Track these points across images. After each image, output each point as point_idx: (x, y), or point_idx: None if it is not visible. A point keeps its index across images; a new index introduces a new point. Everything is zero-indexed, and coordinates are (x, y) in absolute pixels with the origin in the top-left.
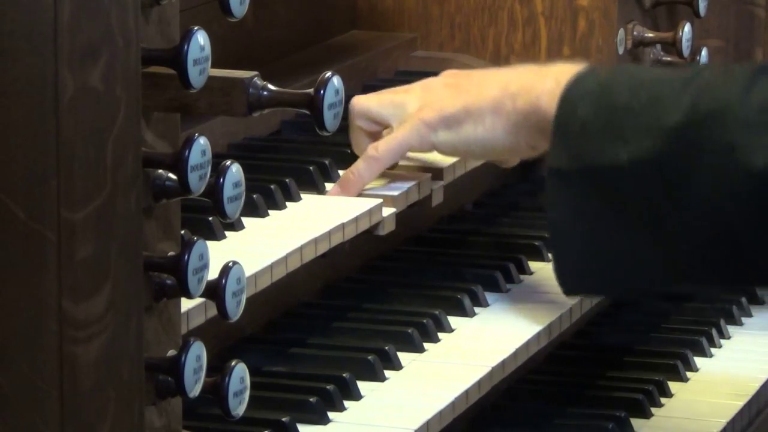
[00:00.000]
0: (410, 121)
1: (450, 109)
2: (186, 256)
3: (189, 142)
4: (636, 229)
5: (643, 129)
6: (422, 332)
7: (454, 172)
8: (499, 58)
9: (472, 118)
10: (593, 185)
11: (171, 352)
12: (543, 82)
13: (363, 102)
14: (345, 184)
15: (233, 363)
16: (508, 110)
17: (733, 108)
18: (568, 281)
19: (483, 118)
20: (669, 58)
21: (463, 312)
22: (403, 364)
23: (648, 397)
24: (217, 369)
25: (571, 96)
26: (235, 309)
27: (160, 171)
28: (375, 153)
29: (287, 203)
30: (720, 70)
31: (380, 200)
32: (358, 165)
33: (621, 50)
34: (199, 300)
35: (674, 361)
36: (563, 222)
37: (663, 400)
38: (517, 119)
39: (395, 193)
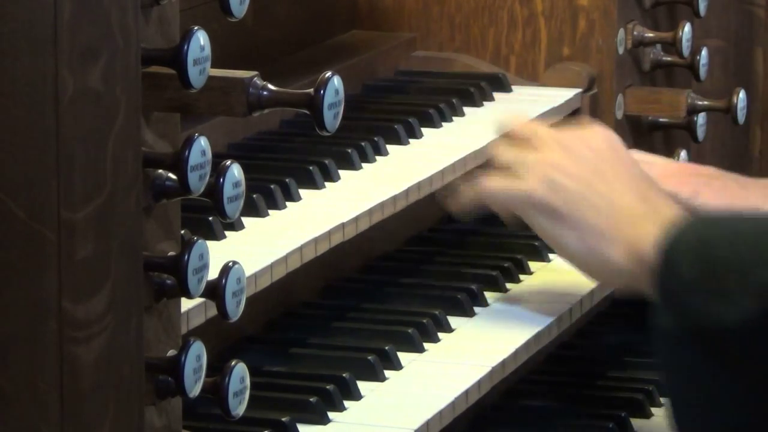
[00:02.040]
0: (523, 185)
1: (560, 206)
2: (186, 256)
3: (189, 142)
4: (759, 394)
5: (747, 287)
6: (422, 332)
7: (454, 171)
8: (499, 58)
9: (576, 228)
10: (705, 347)
11: (171, 352)
12: (648, 225)
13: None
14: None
15: (233, 363)
16: (610, 247)
17: None
18: None
19: (585, 236)
20: (669, 58)
21: (463, 312)
22: (403, 364)
23: (648, 397)
24: (217, 369)
25: (671, 251)
26: (235, 309)
27: (160, 171)
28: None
29: (287, 203)
30: None
31: (380, 200)
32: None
33: (621, 50)
34: (199, 300)
35: None
36: (680, 386)
37: (663, 399)
38: (616, 260)
39: None
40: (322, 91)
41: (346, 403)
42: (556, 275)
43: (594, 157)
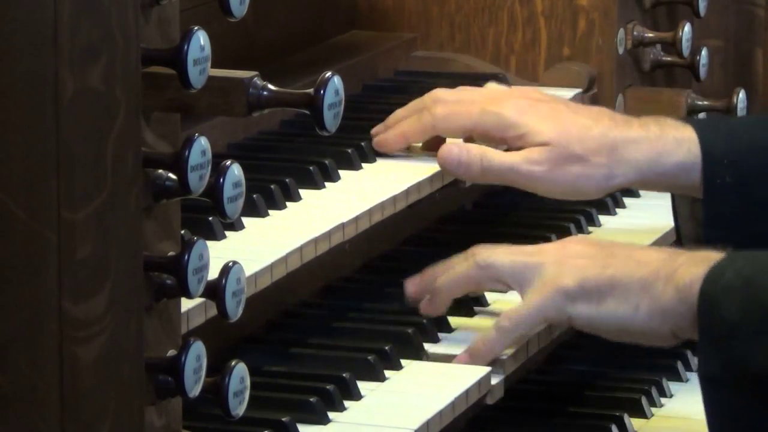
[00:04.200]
0: (546, 289)
1: (593, 280)
2: (186, 256)
3: (189, 142)
4: None
5: None
6: (423, 332)
7: None
8: (499, 58)
9: (616, 293)
10: (753, 393)
11: (171, 352)
12: (696, 267)
13: (492, 257)
14: (475, 353)
15: (233, 363)
16: (657, 293)
17: None
18: None
19: (628, 296)
20: (669, 58)
21: (463, 312)
22: (403, 364)
23: (648, 397)
24: (217, 369)
25: (710, 292)
26: (235, 309)
27: (160, 171)
28: (508, 324)
29: (287, 203)
30: None
31: (380, 200)
32: (490, 335)
33: (621, 50)
34: (199, 300)
35: (674, 362)
36: None
37: (663, 400)
38: (666, 304)
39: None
40: (322, 91)
41: (346, 403)
42: None
43: (591, 240)
